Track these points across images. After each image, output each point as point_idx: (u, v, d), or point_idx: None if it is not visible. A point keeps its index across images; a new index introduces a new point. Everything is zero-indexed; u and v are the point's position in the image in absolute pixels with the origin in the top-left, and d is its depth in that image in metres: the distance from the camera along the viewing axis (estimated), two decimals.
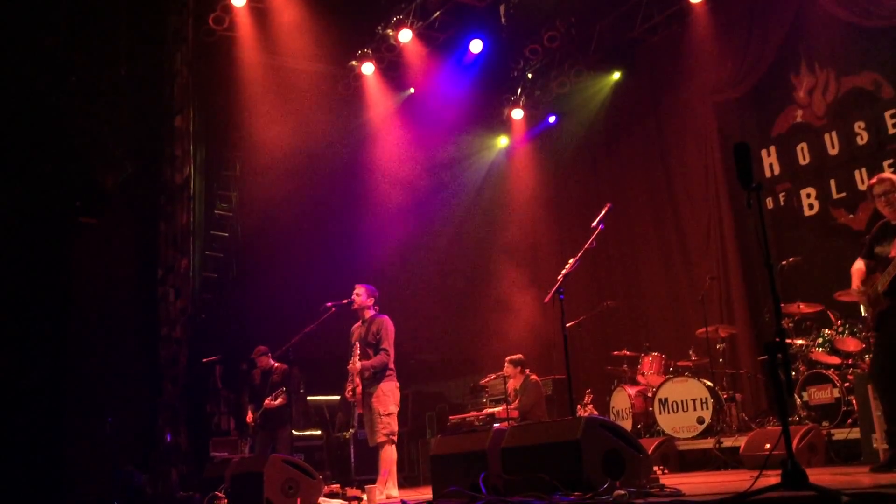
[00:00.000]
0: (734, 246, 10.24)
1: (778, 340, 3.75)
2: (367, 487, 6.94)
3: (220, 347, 10.67)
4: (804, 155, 9.66)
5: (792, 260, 8.20)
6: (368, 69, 11.94)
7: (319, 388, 11.61)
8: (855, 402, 6.81)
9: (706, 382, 8.42)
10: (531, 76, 12.56)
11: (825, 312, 7.80)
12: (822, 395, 7.32)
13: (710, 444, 7.91)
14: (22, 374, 8.79)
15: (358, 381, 7.24)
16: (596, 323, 10.57)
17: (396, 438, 7.29)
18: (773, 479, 3.60)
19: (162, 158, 10.99)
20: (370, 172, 12.53)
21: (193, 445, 10.27)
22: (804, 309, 7.87)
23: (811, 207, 9.60)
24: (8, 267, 8.93)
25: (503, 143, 13.58)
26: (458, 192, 13.42)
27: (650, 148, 11.57)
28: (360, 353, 7.30)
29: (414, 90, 12.60)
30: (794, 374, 7.56)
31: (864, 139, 9.06)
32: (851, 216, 9.17)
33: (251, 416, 9.05)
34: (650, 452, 7.37)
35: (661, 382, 8.69)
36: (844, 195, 9.23)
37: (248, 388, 9.85)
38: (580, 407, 9.41)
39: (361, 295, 7.52)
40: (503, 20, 11.55)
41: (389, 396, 7.26)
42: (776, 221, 9.82)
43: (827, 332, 7.67)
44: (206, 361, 10.30)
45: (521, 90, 12.66)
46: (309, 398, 11.65)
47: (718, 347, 8.92)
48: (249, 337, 10.17)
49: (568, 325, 6.21)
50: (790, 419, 7.08)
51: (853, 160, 9.14)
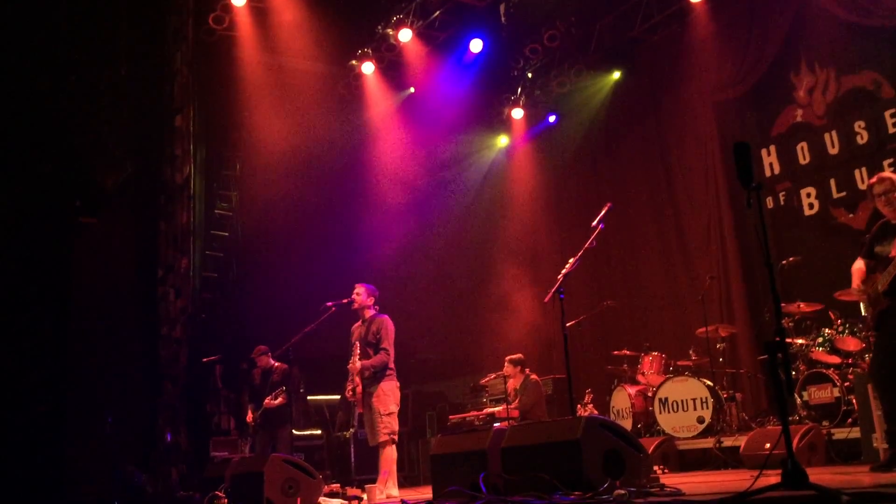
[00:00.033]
0: (734, 245, 10.25)
1: (778, 340, 3.74)
2: (367, 487, 6.95)
3: (220, 347, 10.67)
4: (804, 154, 9.67)
5: (792, 259, 8.20)
6: (368, 69, 11.94)
7: (320, 387, 11.60)
8: (855, 401, 6.81)
9: (706, 382, 8.42)
10: (531, 75, 12.57)
11: (825, 312, 7.80)
12: (822, 394, 7.32)
13: (710, 443, 7.92)
14: (22, 373, 8.78)
15: (358, 380, 7.24)
16: (596, 322, 10.57)
17: (397, 438, 7.30)
18: (773, 478, 3.61)
19: (162, 158, 10.98)
20: (370, 172, 12.53)
21: (193, 445, 10.27)
22: (804, 308, 7.87)
23: (811, 207, 9.61)
24: (8, 266, 8.93)
25: (503, 142, 13.58)
26: (458, 191, 13.42)
27: (650, 147, 11.57)
28: (360, 352, 7.30)
29: (414, 90, 12.60)
30: (794, 373, 7.56)
31: (864, 138, 9.06)
32: (851, 215, 9.17)
33: (251, 415, 9.04)
34: (650, 452, 7.37)
35: (661, 382, 8.69)
36: (844, 194, 9.23)
37: (248, 387, 9.84)
38: (580, 406, 9.41)
39: (361, 294, 7.52)
40: (503, 19, 11.55)
41: (390, 396, 7.26)
42: (776, 221, 9.82)
43: (827, 331, 7.67)
44: (206, 361, 10.30)
45: (521, 90, 12.67)
46: (309, 398, 11.64)
47: (718, 347, 8.92)
48: (249, 336, 10.18)
49: (568, 324, 6.21)
50: (790, 419, 7.08)
51: (853, 159, 9.14)
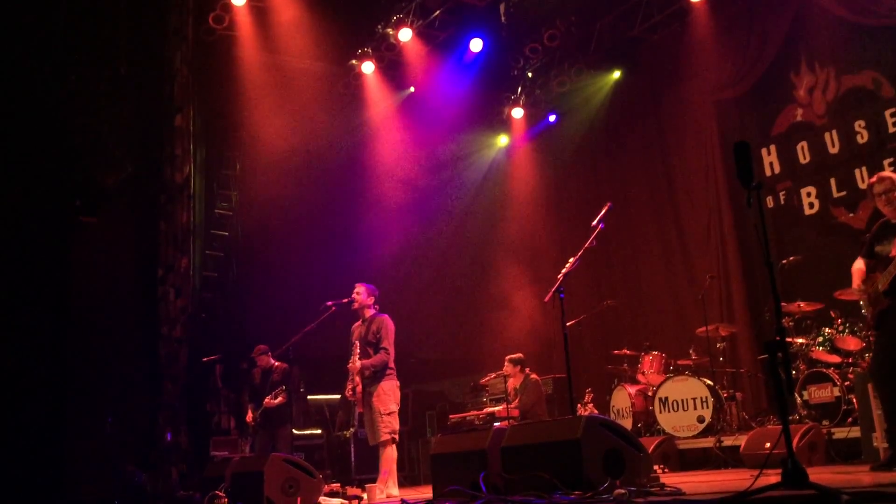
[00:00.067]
0: (734, 245, 10.25)
1: (778, 339, 3.75)
2: (367, 486, 6.95)
3: (220, 346, 10.66)
4: (804, 154, 9.67)
5: (792, 259, 8.20)
6: (368, 68, 11.94)
7: (320, 387, 11.59)
8: (855, 400, 6.80)
9: (706, 381, 8.42)
10: (531, 75, 12.57)
11: (825, 311, 7.80)
12: (822, 393, 7.32)
13: (710, 442, 7.93)
14: (22, 373, 8.78)
15: (358, 379, 7.24)
16: (596, 322, 10.58)
17: (398, 437, 7.30)
18: (773, 477, 3.61)
19: (162, 157, 10.96)
20: (370, 171, 12.53)
21: (194, 444, 10.25)
22: (804, 308, 7.88)
23: (811, 206, 9.60)
24: (8, 266, 8.92)
25: (503, 141, 13.58)
26: (458, 191, 13.42)
27: (650, 147, 11.57)
28: (360, 351, 7.30)
29: (414, 89, 12.60)
30: (794, 372, 7.56)
31: (864, 138, 9.06)
32: (852, 215, 9.17)
33: (251, 415, 9.03)
34: (650, 451, 7.37)
35: (661, 381, 8.70)
36: (845, 194, 9.23)
37: (248, 387, 9.84)
38: (580, 406, 9.41)
39: (362, 294, 7.52)
40: (503, 19, 11.56)
41: (390, 395, 7.26)
42: (776, 220, 9.82)
43: (827, 330, 7.68)
44: (206, 360, 10.29)
45: (521, 89, 12.67)
46: (309, 397, 11.63)
47: (719, 346, 8.92)
48: (249, 336, 10.18)
49: (568, 323, 6.21)
50: (790, 418, 7.07)
51: (853, 159, 9.14)
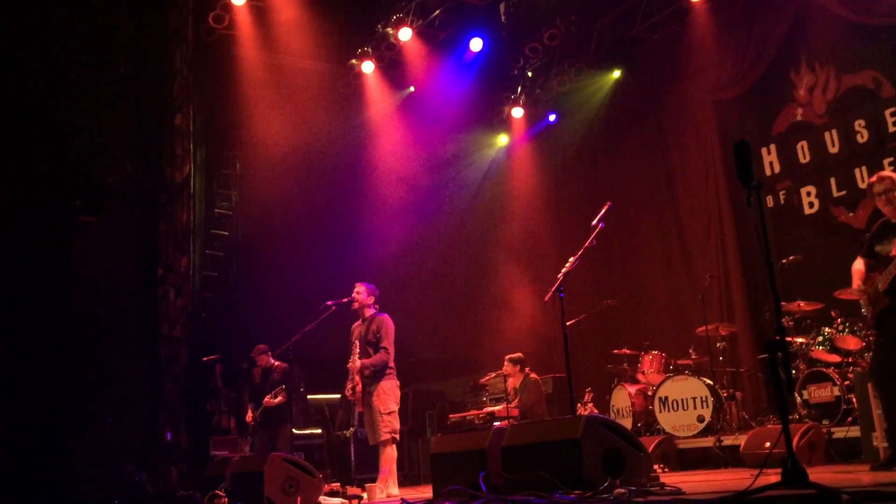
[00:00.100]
0: (734, 244, 10.25)
1: (778, 339, 3.75)
2: (367, 486, 6.96)
3: (220, 346, 10.66)
4: (804, 153, 9.66)
5: (792, 258, 8.21)
6: (368, 67, 11.93)
7: (320, 386, 11.60)
8: (855, 400, 6.81)
9: (706, 381, 8.42)
10: (531, 74, 12.57)
11: (825, 311, 7.80)
12: (822, 393, 7.33)
13: (710, 442, 7.93)
14: (22, 373, 8.78)
15: (358, 379, 7.24)
16: (596, 321, 10.57)
17: (399, 437, 7.30)
18: (773, 477, 3.61)
19: (162, 157, 10.96)
20: (370, 171, 12.53)
21: (194, 444, 10.26)
22: (804, 307, 7.88)
23: (811, 206, 9.60)
24: (8, 266, 8.92)
25: (503, 141, 13.57)
26: (458, 190, 13.42)
27: (650, 146, 11.57)
28: (360, 351, 7.30)
29: (414, 88, 12.59)
30: (794, 372, 7.56)
31: (864, 137, 9.05)
32: (851, 214, 9.17)
33: (251, 414, 9.04)
34: (650, 451, 7.37)
35: (661, 381, 8.70)
36: (844, 193, 9.23)
37: (248, 386, 9.84)
38: (580, 405, 9.41)
39: (362, 293, 7.52)
40: (503, 18, 11.55)
41: (390, 395, 7.26)
42: (776, 220, 9.82)
43: (827, 330, 7.68)
44: (206, 360, 10.30)
45: (521, 88, 12.67)
46: (309, 397, 11.64)
47: (718, 346, 8.92)
48: (250, 335, 10.17)
49: (568, 323, 6.21)
50: (790, 417, 7.07)
51: (853, 158, 9.14)
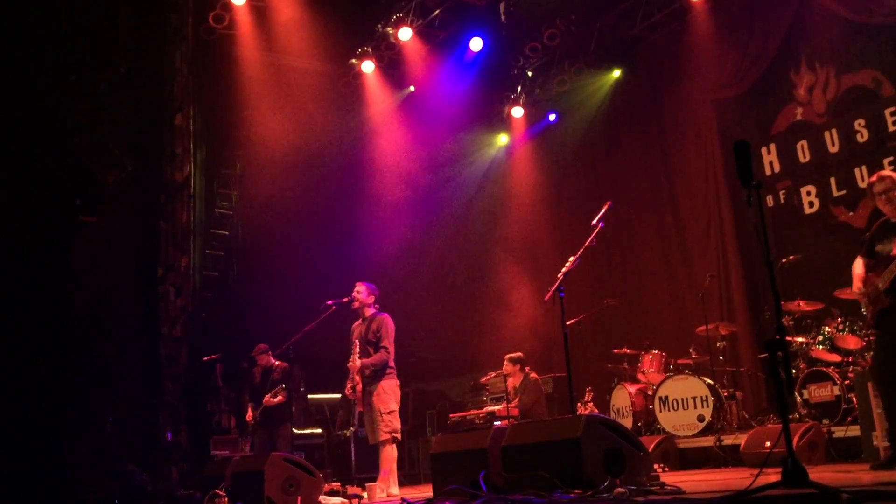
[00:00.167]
0: (734, 244, 10.25)
1: (778, 338, 3.75)
2: (367, 485, 6.96)
3: (220, 346, 10.67)
4: (804, 153, 9.66)
5: (792, 258, 8.21)
6: (368, 67, 11.93)
7: (320, 386, 11.60)
8: (855, 399, 6.81)
9: (706, 380, 8.42)
10: (531, 74, 12.57)
11: (826, 310, 7.81)
12: (822, 392, 7.33)
13: (710, 441, 7.93)
14: (21, 373, 8.77)
15: (358, 378, 7.25)
16: (596, 321, 10.58)
17: (399, 436, 7.30)
18: (773, 476, 3.61)
19: (162, 157, 10.96)
20: (370, 170, 12.52)
21: (194, 444, 10.25)
22: (804, 307, 7.88)
23: (811, 205, 9.60)
24: (7, 266, 8.91)
25: (503, 140, 13.57)
26: (458, 190, 13.42)
27: (650, 146, 11.57)
28: (360, 350, 7.30)
29: (414, 88, 12.59)
30: (794, 371, 7.57)
31: (864, 137, 9.05)
32: (851, 214, 9.17)
33: (251, 414, 9.04)
34: (651, 450, 7.38)
35: (661, 380, 8.70)
36: (844, 193, 9.23)
37: (248, 386, 9.84)
38: (580, 405, 9.42)
39: (362, 293, 7.52)
40: (503, 18, 11.55)
41: (390, 394, 7.26)
42: (776, 219, 9.82)
43: (827, 329, 7.68)
44: (206, 360, 10.30)
45: (521, 88, 12.67)
46: (309, 396, 11.64)
47: (719, 345, 8.92)
48: (250, 335, 10.17)
49: (568, 323, 6.21)
50: (790, 417, 7.08)
51: (853, 158, 9.14)
